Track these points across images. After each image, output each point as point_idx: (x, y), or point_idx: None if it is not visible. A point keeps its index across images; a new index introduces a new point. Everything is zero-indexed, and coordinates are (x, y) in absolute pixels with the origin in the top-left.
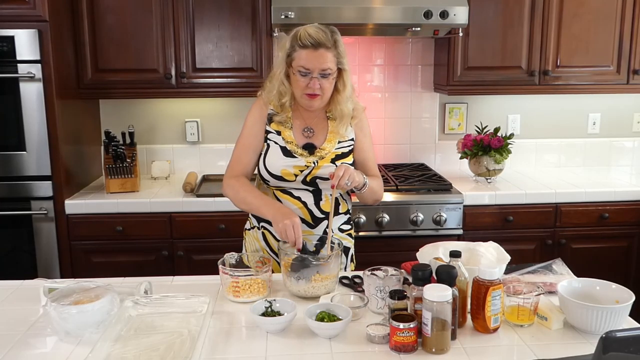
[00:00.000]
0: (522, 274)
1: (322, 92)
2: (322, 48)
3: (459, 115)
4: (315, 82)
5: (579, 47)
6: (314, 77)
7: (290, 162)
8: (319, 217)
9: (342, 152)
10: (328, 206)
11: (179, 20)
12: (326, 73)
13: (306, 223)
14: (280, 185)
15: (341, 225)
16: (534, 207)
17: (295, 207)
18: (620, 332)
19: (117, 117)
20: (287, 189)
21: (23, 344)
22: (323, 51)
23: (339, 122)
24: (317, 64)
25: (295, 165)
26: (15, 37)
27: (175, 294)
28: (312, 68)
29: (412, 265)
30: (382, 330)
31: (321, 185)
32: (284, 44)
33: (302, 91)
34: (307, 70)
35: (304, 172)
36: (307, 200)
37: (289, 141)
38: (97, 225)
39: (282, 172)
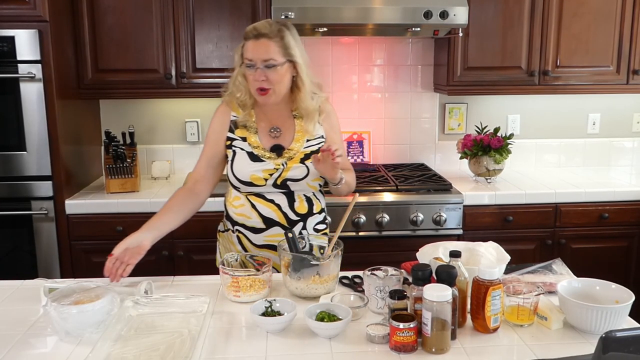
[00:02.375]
0: (522, 274)
1: (272, 84)
2: (264, 38)
3: (458, 116)
4: (259, 73)
5: (578, 47)
6: (258, 67)
7: (258, 167)
8: (293, 220)
9: (311, 151)
10: (302, 208)
11: (179, 20)
12: (270, 64)
13: (281, 226)
14: (252, 190)
15: (316, 225)
16: (534, 207)
17: (270, 210)
18: (620, 332)
19: (117, 117)
20: (259, 193)
21: (23, 344)
22: (264, 40)
23: (305, 119)
24: (258, 54)
25: (264, 169)
26: (15, 37)
27: (175, 294)
28: (254, 58)
29: (412, 265)
30: (382, 330)
31: (292, 187)
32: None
33: (253, 86)
34: (251, 61)
35: (274, 175)
36: (281, 203)
37: (255, 146)
38: (97, 225)
39: (251, 178)
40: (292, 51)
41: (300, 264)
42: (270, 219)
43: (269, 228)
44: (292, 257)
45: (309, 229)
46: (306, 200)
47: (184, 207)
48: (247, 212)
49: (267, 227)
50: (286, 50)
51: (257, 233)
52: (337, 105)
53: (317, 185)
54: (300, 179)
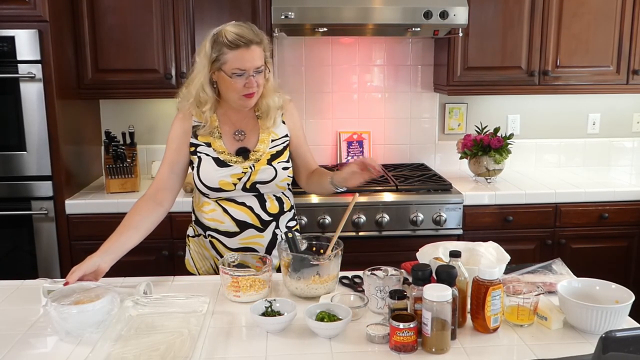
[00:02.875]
0: (521, 274)
1: (258, 88)
2: (253, 44)
3: (458, 116)
4: (252, 80)
5: (578, 47)
6: (250, 75)
7: (226, 172)
8: (266, 220)
9: (277, 151)
10: (274, 208)
11: (179, 20)
12: (260, 69)
13: (254, 227)
14: (221, 195)
15: (288, 223)
16: (534, 207)
17: (243, 213)
18: (619, 332)
19: (117, 117)
20: (230, 197)
21: (23, 344)
22: (254, 47)
23: (266, 117)
24: (252, 63)
25: (232, 174)
26: (15, 37)
27: (175, 294)
28: (247, 67)
29: (412, 265)
30: (382, 330)
31: (262, 190)
32: (204, 50)
33: (239, 93)
34: (243, 71)
35: (242, 179)
36: (253, 205)
37: (221, 151)
38: (97, 225)
39: (220, 184)
40: (268, 52)
41: (300, 264)
42: (243, 222)
43: (243, 231)
44: (292, 257)
45: (281, 228)
46: (276, 200)
47: (146, 221)
48: (219, 217)
49: (241, 230)
50: (266, 53)
51: (231, 237)
52: (337, 105)
53: (286, 185)
54: (269, 181)
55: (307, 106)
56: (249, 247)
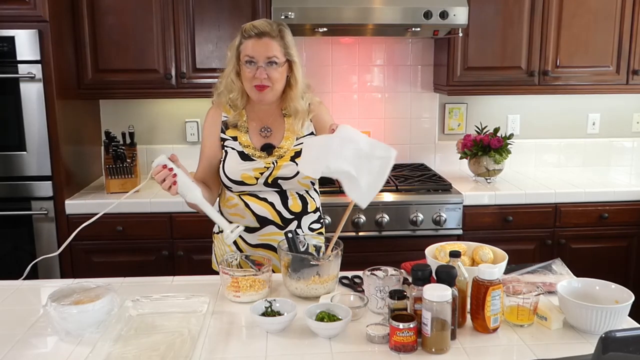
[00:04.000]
0: (521, 274)
1: (271, 82)
2: (266, 37)
3: (458, 116)
4: (261, 71)
5: (578, 47)
6: (260, 65)
7: (249, 166)
8: (287, 218)
9: (301, 149)
10: (296, 206)
11: (179, 20)
12: (272, 61)
13: (275, 225)
14: (244, 189)
15: (311, 225)
16: (534, 207)
17: (264, 209)
18: (619, 332)
19: (117, 117)
20: (252, 192)
21: (23, 344)
22: (267, 39)
23: (294, 119)
24: (261, 52)
25: (255, 168)
26: (15, 38)
27: (175, 294)
28: (257, 56)
29: (412, 265)
30: (382, 330)
31: (284, 186)
32: (234, 42)
33: (251, 83)
34: (252, 59)
35: (265, 174)
36: (274, 201)
37: (246, 145)
38: (97, 225)
39: (242, 177)
40: (291, 51)
41: (300, 264)
42: (264, 218)
43: (263, 227)
44: (292, 257)
45: (303, 228)
46: (299, 199)
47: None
48: (241, 211)
49: (262, 226)
50: (286, 50)
51: (251, 232)
52: (337, 105)
53: (309, 183)
54: (290, 177)
55: None
56: (268, 245)
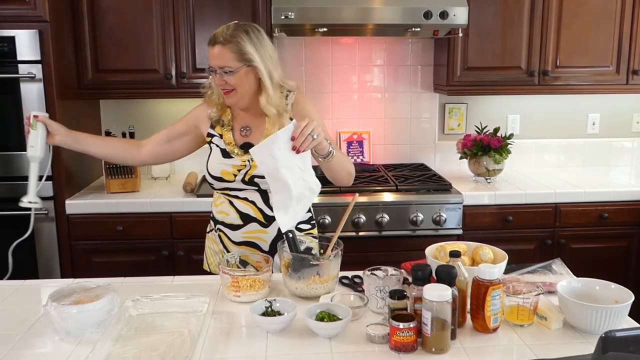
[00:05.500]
0: (521, 274)
1: (234, 87)
2: (218, 45)
3: (458, 116)
4: (218, 78)
5: (578, 47)
6: (217, 73)
7: (228, 162)
8: (270, 216)
9: None
10: None
11: (179, 20)
12: (225, 70)
13: (258, 222)
14: (225, 186)
15: (299, 225)
16: (534, 207)
17: (246, 206)
18: (619, 332)
19: (117, 117)
20: (233, 190)
21: (24, 344)
22: (219, 47)
23: (270, 120)
24: (213, 62)
25: (233, 165)
26: (15, 38)
27: (175, 294)
28: (212, 65)
29: (412, 265)
30: (382, 330)
31: (262, 185)
32: None
33: (218, 88)
34: (210, 68)
35: (242, 172)
36: (255, 199)
37: (229, 143)
38: (97, 225)
39: (221, 173)
40: (249, 56)
41: (300, 264)
42: (247, 215)
43: (246, 224)
44: (292, 257)
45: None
46: None
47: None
48: (226, 209)
49: (245, 223)
50: (242, 56)
51: (235, 230)
52: (337, 105)
53: None
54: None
55: None
56: (252, 242)
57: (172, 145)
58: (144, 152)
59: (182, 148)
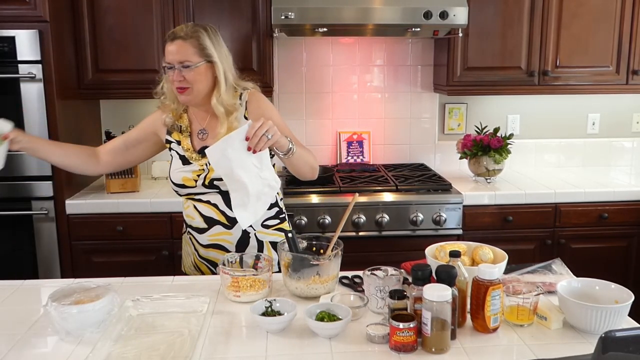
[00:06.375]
0: (521, 274)
1: (191, 84)
2: (178, 39)
3: (458, 116)
4: (177, 74)
5: (578, 47)
6: (176, 69)
7: (188, 169)
8: (233, 217)
9: None
10: None
11: (179, 20)
12: (185, 64)
13: (222, 225)
14: (188, 192)
15: (265, 222)
16: (534, 207)
17: (209, 210)
18: (619, 332)
19: (117, 117)
20: (196, 195)
21: (24, 344)
22: (179, 42)
23: (221, 118)
24: (174, 56)
25: (193, 171)
26: (16, 38)
27: (175, 294)
28: (171, 60)
29: (412, 265)
30: (382, 330)
31: (222, 187)
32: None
33: (173, 86)
34: (169, 64)
35: (201, 176)
36: (217, 202)
37: (187, 149)
38: (97, 225)
39: (183, 180)
40: (209, 51)
41: (300, 264)
42: (210, 218)
43: (210, 227)
44: (292, 257)
45: (254, 226)
46: None
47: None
48: (191, 213)
49: (209, 226)
50: (202, 51)
51: (201, 233)
52: (337, 105)
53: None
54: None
55: (307, 106)
56: (218, 244)
57: (130, 153)
58: (102, 162)
59: (140, 155)
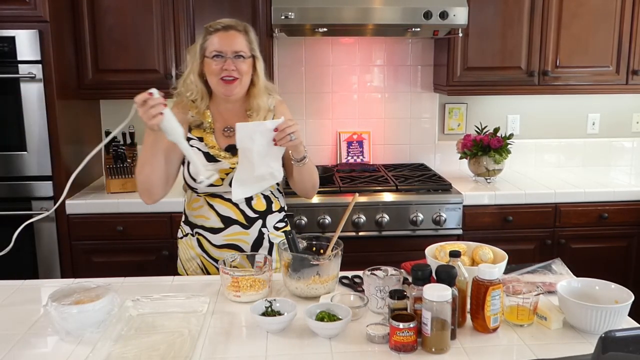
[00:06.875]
0: (521, 273)
1: (240, 74)
2: (233, 30)
3: (458, 116)
4: (229, 63)
5: (578, 47)
6: (228, 57)
7: (214, 167)
8: (252, 217)
9: None
10: (260, 205)
11: (179, 20)
12: (239, 54)
13: (239, 224)
14: (210, 191)
15: (276, 224)
16: (534, 207)
17: (228, 209)
18: (619, 332)
19: (117, 117)
20: (216, 193)
21: (24, 344)
22: (234, 32)
23: (255, 117)
24: (229, 46)
25: (221, 169)
26: (16, 38)
27: (175, 294)
28: (224, 49)
29: (412, 265)
30: (382, 330)
31: None
32: (195, 44)
33: (218, 76)
34: (220, 52)
35: (230, 175)
36: (238, 201)
37: (212, 146)
38: (97, 225)
39: None
40: (255, 47)
41: (300, 264)
42: (228, 218)
43: (227, 227)
44: (292, 257)
45: (268, 227)
46: (264, 198)
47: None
48: (205, 213)
49: (226, 226)
50: (251, 46)
51: (216, 233)
52: (337, 105)
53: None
54: None
55: (307, 106)
56: (234, 245)
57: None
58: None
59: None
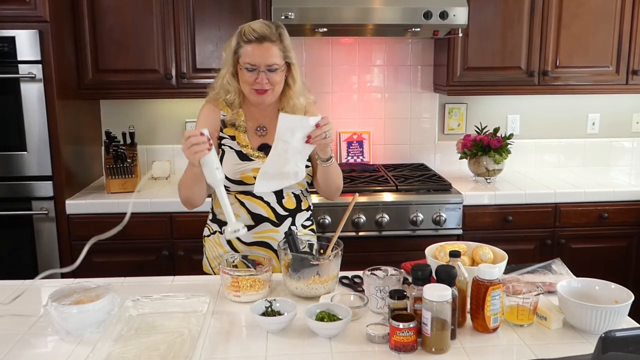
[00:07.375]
0: (521, 273)
1: (272, 85)
2: (267, 42)
3: (458, 116)
4: (262, 76)
5: (578, 47)
6: (261, 71)
7: (248, 166)
8: (282, 215)
9: None
10: (291, 203)
11: (179, 20)
12: (273, 68)
13: (270, 222)
14: (242, 189)
15: (304, 222)
16: (534, 207)
17: (259, 206)
18: (619, 332)
19: (117, 117)
20: (249, 191)
21: (24, 344)
22: (268, 44)
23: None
24: (262, 59)
25: (254, 168)
26: (16, 38)
27: (175, 294)
28: (258, 63)
29: (412, 265)
30: (382, 330)
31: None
32: (230, 43)
33: (250, 87)
34: (254, 66)
35: None
36: (270, 200)
37: (244, 145)
38: (97, 225)
39: (242, 177)
40: (290, 53)
41: (300, 264)
42: (259, 216)
43: (257, 224)
44: (292, 257)
45: (297, 225)
46: (294, 197)
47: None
48: (236, 210)
49: (256, 223)
50: (285, 53)
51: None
52: (337, 105)
53: (305, 182)
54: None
55: None
56: (263, 242)
57: None
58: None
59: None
